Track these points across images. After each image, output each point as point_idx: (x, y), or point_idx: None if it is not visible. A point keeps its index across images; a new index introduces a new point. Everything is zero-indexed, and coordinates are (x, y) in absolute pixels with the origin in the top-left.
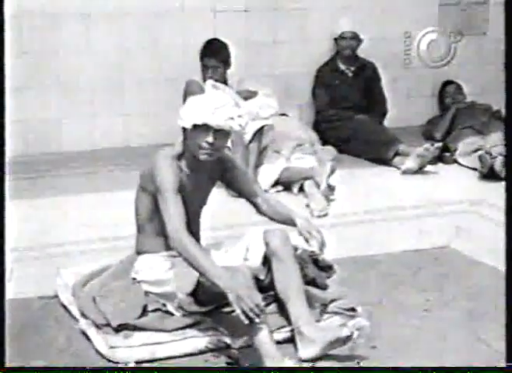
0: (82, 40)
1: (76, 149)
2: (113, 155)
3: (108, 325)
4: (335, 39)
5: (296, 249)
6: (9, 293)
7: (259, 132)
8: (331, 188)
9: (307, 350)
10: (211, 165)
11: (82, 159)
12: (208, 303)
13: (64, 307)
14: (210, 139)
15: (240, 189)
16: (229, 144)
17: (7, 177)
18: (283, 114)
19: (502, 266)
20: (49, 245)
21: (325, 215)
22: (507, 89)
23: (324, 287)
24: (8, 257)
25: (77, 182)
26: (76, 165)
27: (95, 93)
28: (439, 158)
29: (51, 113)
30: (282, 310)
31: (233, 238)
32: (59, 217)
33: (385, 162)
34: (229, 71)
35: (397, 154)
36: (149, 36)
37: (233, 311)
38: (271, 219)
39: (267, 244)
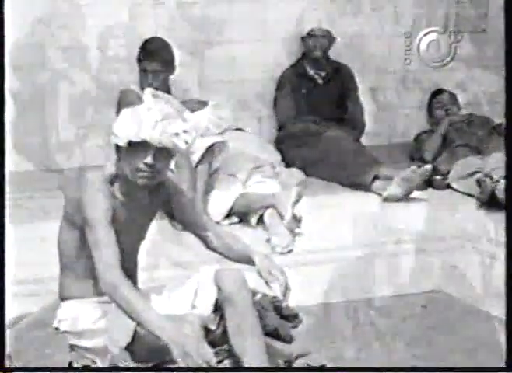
0: None
1: None
2: (33, 178)
3: None
4: (302, 37)
5: (254, 293)
6: None
7: (209, 151)
8: (296, 219)
9: None
10: (150, 192)
11: None
12: (148, 359)
13: None
14: (149, 159)
15: (185, 220)
16: (172, 165)
17: None
18: (239, 129)
19: (503, 314)
20: None
21: (290, 252)
22: (507, 96)
23: (288, 340)
24: None
25: None
26: None
27: (9, 102)
28: (428, 183)
29: None
30: (238, 368)
31: (178, 280)
32: None
33: (363, 187)
34: (172, 77)
35: (377, 177)
36: (75, 33)
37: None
38: (225, 256)
39: (219, 287)
